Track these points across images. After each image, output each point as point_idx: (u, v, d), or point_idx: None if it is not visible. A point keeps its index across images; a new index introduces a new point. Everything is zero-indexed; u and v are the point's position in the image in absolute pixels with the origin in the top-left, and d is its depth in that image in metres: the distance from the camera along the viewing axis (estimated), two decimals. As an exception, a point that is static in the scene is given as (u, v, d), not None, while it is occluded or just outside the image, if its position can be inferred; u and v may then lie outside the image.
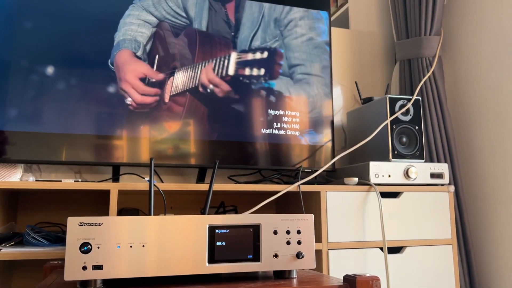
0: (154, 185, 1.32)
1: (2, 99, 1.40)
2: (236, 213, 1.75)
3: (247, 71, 1.59)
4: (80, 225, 0.82)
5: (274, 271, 0.96)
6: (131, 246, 0.84)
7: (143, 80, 1.48)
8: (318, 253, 1.45)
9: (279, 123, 1.67)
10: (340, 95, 2.08)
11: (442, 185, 1.66)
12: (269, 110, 1.67)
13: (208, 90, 1.56)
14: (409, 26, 1.98)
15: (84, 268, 0.81)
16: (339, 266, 1.45)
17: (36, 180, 1.39)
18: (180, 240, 0.87)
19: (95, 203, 1.62)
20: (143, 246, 0.85)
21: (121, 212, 1.56)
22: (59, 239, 1.32)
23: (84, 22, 1.50)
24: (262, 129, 1.65)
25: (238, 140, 1.61)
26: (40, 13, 1.46)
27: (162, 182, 1.73)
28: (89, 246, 0.82)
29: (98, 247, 0.82)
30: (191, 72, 1.50)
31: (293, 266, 0.93)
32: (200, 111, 1.56)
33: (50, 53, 1.46)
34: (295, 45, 1.71)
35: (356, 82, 1.95)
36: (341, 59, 2.11)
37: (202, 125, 1.56)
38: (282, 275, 0.95)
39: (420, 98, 1.72)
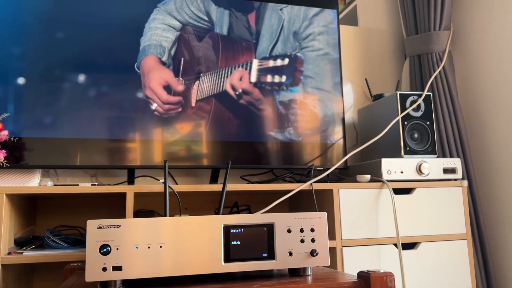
0: (169, 186, 1.35)
1: (20, 106, 1.44)
2: (250, 212, 1.77)
3: (268, 78, 1.62)
4: (99, 228, 0.85)
5: (289, 269, 0.98)
6: (148, 247, 0.86)
7: (166, 88, 1.52)
8: (332, 250, 1.46)
9: (290, 122, 1.69)
10: (350, 92, 2.08)
11: (455, 180, 1.65)
12: (286, 111, 1.68)
13: (231, 95, 1.58)
14: (418, 22, 1.98)
15: (104, 269, 0.83)
16: (353, 263, 1.46)
17: (54, 185, 1.42)
18: (196, 240, 0.89)
19: (111, 206, 1.65)
20: (160, 246, 0.87)
21: (137, 214, 1.59)
22: (78, 241, 1.35)
23: (110, 28, 1.54)
24: (274, 129, 1.66)
25: (250, 140, 1.63)
26: (68, 21, 1.51)
27: (176, 183, 1.75)
28: (109, 248, 0.84)
29: (117, 249, 0.85)
30: (215, 77, 1.53)
31: (307, 264, 0.94)
32: (222, 114, 1.58)
33: (77, 61, 1.50)
34: (310, 57, 1.74)
35: (366, 79, 1.95)
36: (350, 56, 2.11)
37: (221, 127, 1.59)
38: (297, 272, 0.96)
39: (431, 93, 1.71)
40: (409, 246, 1.55)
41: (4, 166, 1.35)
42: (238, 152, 1.61)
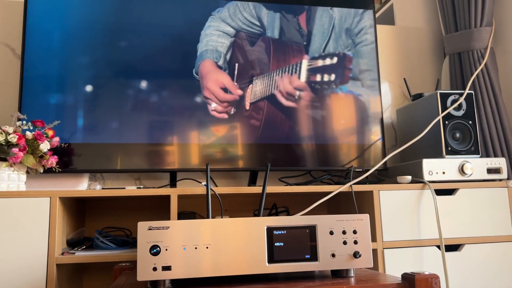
0: (211, 189, 1.38)
1: (74, 113, 1.52)
2: (288, 214, 1.78)
3: (318, 77, 1.65)
4: (149, 229, 0.89)
5: (332, 270, 0.99)
6: (195, 248, 0.90)
7: (224, 90, 1.58)
8: (374, 252, 1.46)
9: (328, 123, 1.69)
10: (388, 92, 2.06)
11: (500, 180, 1.61)
12: (325, 112, 1.69)
13: (283, 97, 1.62)
14: (458, 19, 1.94)
15: (154, 269, 0.87)
16: (395, 265, 1.45)
17: (102, 188, 1.49)
18: (240, 241, 0.92)
19: (154, 207, 1.71)
20: (207, 247, 0.90)
21: (179, 215, 1.64)
22: (125, 242, 1.40)
23: (169, 36, 1.62)
24: (313, 130, 1.67)
25: (288, 142, 1.65)
26: (131, 31, 1.60)
27: (216, 185, 1.79)
28: (158, 249, 0.88)
29: (166, 249, 0.88)
30: (267, 80, 1.57)
31: (350, 265, 0.95)
32: (275, 117, 1.63)
33: (138, 68, 1.59)
34: (366, 51, 1.76)
35: (404, 79, 1.93)
36: (387, 56, 2.09)
37: (275, 130, 1.63)
38: (339, 274, 0.97)
39: (472, 92, 1.68)
40: (452, 248, 1.52)
41: (56, 170, 1.42)
42: (275, 154, 1.63)
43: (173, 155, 1.56)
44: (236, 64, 1.60)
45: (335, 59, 1.70)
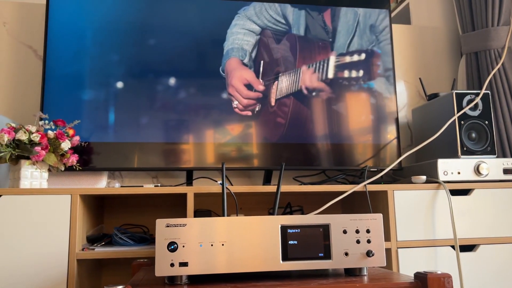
0: (226, 188, 1.41)
1: (94, 112, 1.56)
2: (303, 213, 1.80)
3: (346, 73, 1.67)
4: (167, 226, 0.92)
5: (345, 269, 1.00)
6: (211, 245, 0.92)
7: (248, 86, 1.61)
8: (387, 251, 1.46)
9: (346, 122, 1.70)
10: (404, 92, 2.06)
11: (517, 181, 1.60)
12: (340, 110, 1.70)
13: (309, 93, 1.65)
14: (475, 18, 1.93)
15: (172, 265, 0.90)
16: (409, 264, 1.45)
17: (121, 186, 1.53)
18: (255, 239, 0.94)
19: (171, 205, 1.74)
20: (222, 245, 0.93)
21: (195, 213, 1.67)
22: (143, 239, 1.44)
23: (196, 35, 1.66)
24: (328, 129, 1.68)
25: (300, 142, 1.66)
26: (160, 31, 1.64)
27: (232, 184, 1.82)
28: (175, 245, 0.91)
29: (183, 246, 0.91)
30: (293, 76, 1.60)
31: (363, 264, 0.96)
32: (302, 114, 1.65)
33: (167, 67, 1.64)
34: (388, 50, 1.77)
35: (420, 79, 1.92)
36: (403, 55, 2.08)
37: (301, 128, 1.66)
38: (352, 272, 0.98)
39: (489, 92, 1.67)
40: (467, 248, 1.52)
41: (77, 169, 1.46)
42: (290, 154, 1.65)
43: (189, 153, 1.59)
44: (261, 62, 1.64)
45: (363, 55, 1.71)
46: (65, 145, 1.38)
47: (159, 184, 1.71)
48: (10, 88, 1.73)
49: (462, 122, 1.63)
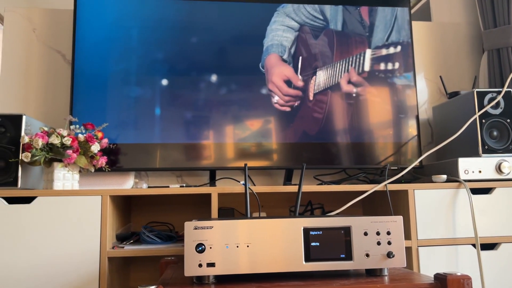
0: (249, 188, 1.45)
1: (120, 114, 1.62)
2: (323, 210, 1.83)
3: (382, 66, 1.71)
4: (195, 229, 0.96)
5: (366, 269, 1.03)
6: (237, 246, 0.97)
7: (287, 82, 1.67)
8: (408, 250, 1.49)
9: (365, 120, 1.72)
10: (424, 89, 2.06)
11: (540, 179, 1.59)
12: (359, 109, 1.72)
13: (346, 88, 1.70)
14: (497, 14, 1.91)
15: (200, 265, 0.95)
16: (429, 263, 1.47)
17: (148, 187, 1.59)
18: (278, 240, 0.98)
19: (195, 203, 1.79)
20: (247, 246, 0.97)
21: (219, 211, 1.72)
22: (169, 237, 1.50)
23: (237, 33, 1.72)
24: (348, 127, 1.71)
25: (324, 141, 1.69)
26: (202, 29, 1.71)
27: (254, 184, 1.86)
28: (203, 247, 0.95)
29: (210, 247, 0.96)
30: (331, 71, 1.65)
31: (384, 265, 0.99)
32: (339, 109, 1.70)
33: (207, 63, 1.70)
34: None
35: (440, 77, 1.92)
36: (423, 52, 2.08)
37: (338, 124, 1.71)
38: (373, 273, 1.02)
39: (511, 89, 1.66)
40: (488, 247, 1.53)
41: (106, 170, 1.53)
42: (310, 153, 1.68)
43: (210, 152, 1.64)
44: (300, 57, 1.69)
45: (398, 48, 1.74)
46: (95, 147, 1.44)
47: (184, 184, 1.77)
48: (41, 92, 1.81)
49: (484, 121, 1.63)
